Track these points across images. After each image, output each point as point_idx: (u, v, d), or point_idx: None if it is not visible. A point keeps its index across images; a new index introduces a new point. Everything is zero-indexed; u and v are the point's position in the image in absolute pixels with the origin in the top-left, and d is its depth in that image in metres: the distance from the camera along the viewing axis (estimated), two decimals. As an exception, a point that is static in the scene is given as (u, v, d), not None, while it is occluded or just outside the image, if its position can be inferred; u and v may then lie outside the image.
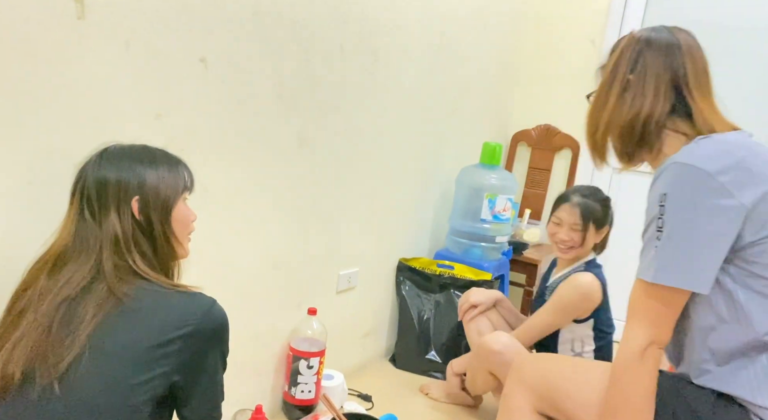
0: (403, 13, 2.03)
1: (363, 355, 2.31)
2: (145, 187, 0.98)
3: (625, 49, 1.13)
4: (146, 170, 0.99)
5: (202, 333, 0.94)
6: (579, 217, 1.79)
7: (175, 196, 1.01)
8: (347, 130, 1.93)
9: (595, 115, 1.16)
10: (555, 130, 2.94)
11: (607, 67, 1.16)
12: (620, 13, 2.79)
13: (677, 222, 0.99)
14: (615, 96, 1.12)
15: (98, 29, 1.19)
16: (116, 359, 0.89)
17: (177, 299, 0.95)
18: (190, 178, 1.06)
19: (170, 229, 1.01)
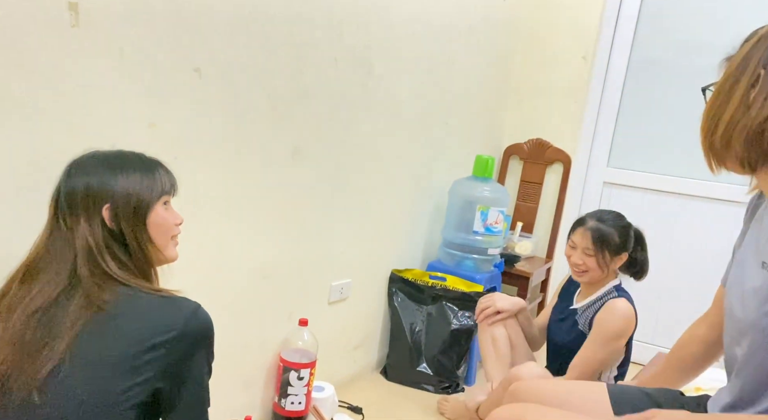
0: (397, 27, 2.06)
1: (354, 367, 2.30)
2: (115, 194, 0.96)
3: (763, 40, 0.94)
4: (117, 177, 0.97)
5: (186, 338, 0.92)
6: (591, 241, 1.75)
7: (149, 201, 0.99)
8: (340, 141, 1.94)
9: (714, 113, 0.97)
10: (547, 144, 2.97)
11: (734, 59, 0.97)
12: (611, 29, 2.83)
13: None
14: (741, 91, 0.93)
15: (92, 38, 1.20)
16: (98, 367, 0.87)
17: (159, 304, 0.94)
18: (169, 182, 1.04)
19: (145, 235, 0.99)
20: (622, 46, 2.82)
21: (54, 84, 1.16)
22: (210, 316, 0.97)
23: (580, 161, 2.93)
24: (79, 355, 0.88)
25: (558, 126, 2.96)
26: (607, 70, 2.86)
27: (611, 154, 2.89)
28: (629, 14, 2.79)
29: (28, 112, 1.13)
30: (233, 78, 1.53)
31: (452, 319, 2.30)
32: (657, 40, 2.76)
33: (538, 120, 2.99)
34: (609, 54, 2.85)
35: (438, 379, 2.31)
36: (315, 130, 1.83)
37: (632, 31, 2.80)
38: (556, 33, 2.92)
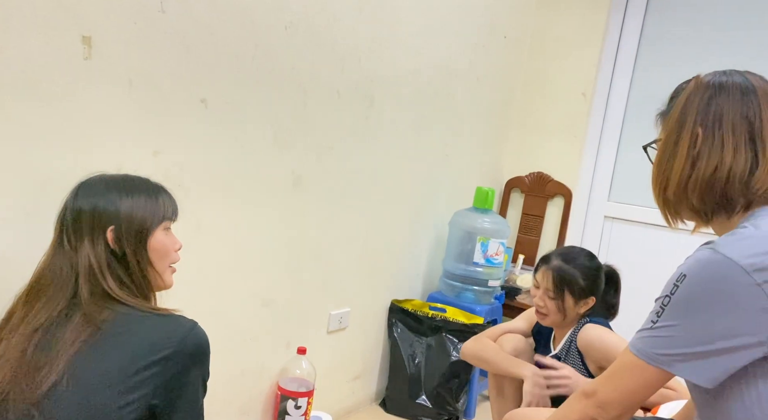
0: (398, 62, 2.12)
1: (353, 398, 2.29)
2: (119, 216, 0.98)
3: (693, 96, 0.99)
4: (121, 199, 1.00)
5: (181, 356, 0.93)
6: (551, 282, 1.62)
7: (151, 225, 1.01)
8: (341, 171, 1.98)
9: (663, 169, 1.00)
10: (548, 178, 3.00)
11: (672, 116, 1.01)
12: (611, 66, 2.89)
13: (678, 305, 0.89)
14: (685, 148, 0.97)
15: (103, 69, 1.25)
16: (94, 385, 0.89)
17: (155, 322, 0.95)
18: (171, 207, 1.06)
19: (145, 258, 1.01)
20: (621, 82, 2.88)
21: (65, 112, 1.21)
22: (206, 335, 0.99)
23: (580, 195, 2.95)
24: (77, 373, 0.89)
25: (559, 160, 3.00)
26: (607, 105, 2.91)
27: (612, 188, 2.92)
28: (628, 51, 2.86)
29: (38, 138, 1.18)
30: (238, 108, 1.58)
31: (452, 351, 2.29)
32: (656, 75, 2.82)
33: (538, 153, 3.04)
34: (608, 90, 2.91)
35: (437, 412, 2.28)
36: (316, 160, 1.87)
37: (631, 67, 2.86)
38: (556, 69, 2.99)
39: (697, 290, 0.86)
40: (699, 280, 0.86)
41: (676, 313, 0.87)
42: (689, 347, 0.86)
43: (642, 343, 0.90)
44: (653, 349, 0.88)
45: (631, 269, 2.17)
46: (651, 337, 0.89)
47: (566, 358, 1.69)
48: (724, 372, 0.86)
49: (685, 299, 0.87)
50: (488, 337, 1.81)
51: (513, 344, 1.77)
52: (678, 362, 0.87)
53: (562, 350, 1.71)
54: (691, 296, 0.87)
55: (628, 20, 2.86)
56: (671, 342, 0.87)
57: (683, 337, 0.86)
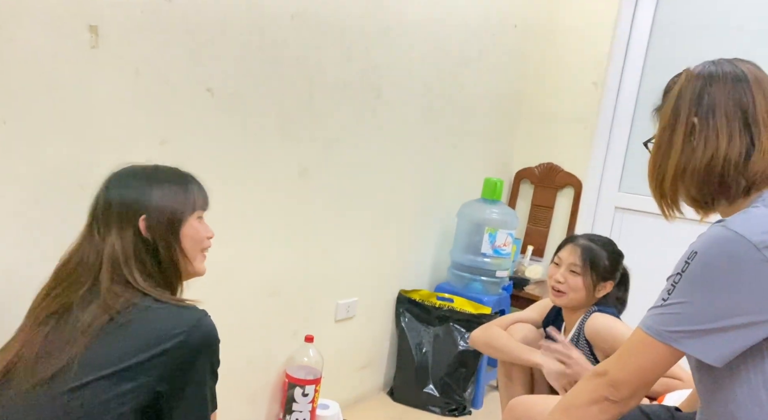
0: (406, 52, 2.11)
1: (360, 387, 2.30)
2: (151, 206, 1.00)
3: (684, 88, 1.01)
4: (152, 189, 1.02)
5: (188, 346, 0.95)
6: (579, 258, 1.64)
7: (183, 214, 1.04)
8: (348, 162, 1.99)
9: (659, 163, 1.03)
10: (558, 169, 2.98)
11: (665, 110, 1.03)
12: (622, 56, 2.86)
13: (690, 282, 0.89)
14: (680, 141, 0.99)
15: (110, 58, 1.27)
16: (101, 372, 0.91)
17: (167, 312, 0.97)
18: (201, 196, 1.09)
19: (177, 246, 1.03)
20: (632, 71, 2.85)
21: (73, 101, 1.22)
22: (214, 325, 1.00)
23: (591, 186, 2.93)
24: (86, 360, 0.91)
25: (569, 150, 2.98)
26: (618, 95, 2.88)
27: (622, 178, 2.89)
28: (639, 40, 2.83)
29: (46, 127, 1.19)
30: (244, 99, 1.59)
31: (459, 340, 2.30)
32: (668, 65, 2.77)
33: (548, 144, 3.02)
34: (620, 79, 2.87)
35: (445, 401, 2.29)
36: (323, 151, 1.88)
37: (643, 57, 2.83)
38: (567, 59, 2.96)
39: (707, 267, 0.87)
40: (710, 257, 0.87)
41: (687, 290, 0.88)
42: (698, 324, 0.87)
43: (652, 320, 0.91)
44: (663, 326, 0.89)
45: (642, 260, 2.16)
46: (661, 314, 0.90)
47: (576, 347, 1.68)
48: (733, 350, 0.86)
49: (696, 276, 0.88)
50: (498, 326, 1.81)
51: (523, 333, 1.78)
52: (686, 339, 0.87)
53: (572, 339, 1.70)
54: (702, 273, 0.87)
55: (640, 9, 2.82)
56: (681, 319, 0.88)
57: (693, 314, 0.87)
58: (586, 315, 1.68)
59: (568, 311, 1.73)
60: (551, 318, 1.83)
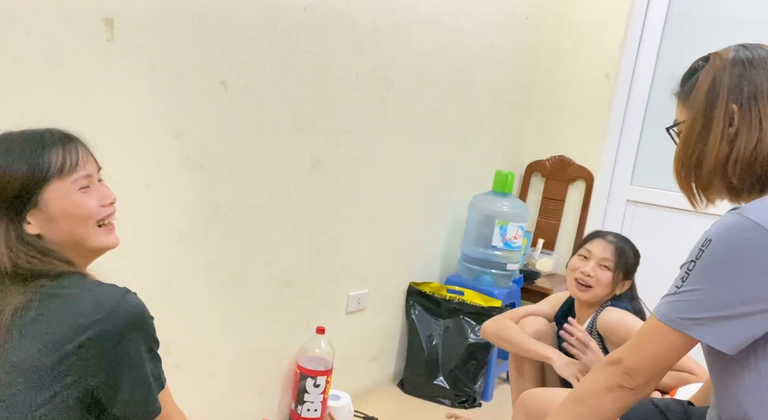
0: (417, 44, 2.11)
1: (371, 378, 2.32)
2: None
3: (720, 74, 0.97)
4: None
5: (110, 332, 0.83)
6: (612, 253, 1.65)
7: (30, 187, 0.86)
8: (360, 154, 1.99)
9: (692, 151, 0.98)
10: (569, 162, 2.97)
11: (697, 96, 0.99)
12: (635, 47, 2.83)
13: (704, 270, 0.89)
14: (719, 129, 0.95)
15: (125, 51, 1.28)
16: (17, 377, 0.82)
17: (79, 300, 0.85)
18: (62, 160, 0.88)
19: (19, 227, 0.87)
20: (645, 63, 2.82)
21: (88, 94, 1.24)
22: (138, 302, 0.88)
23: (602, 179, 2.91)
24: (3, 361, 0.83)
25: (580, 143, 2.96)
26: (631, 87, 2.86)
27: (635, 171, 2.87)
28: (653, 32, 2.80)
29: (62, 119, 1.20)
30: (257, 91, 1.59)
31: (470, 333, 2.31)
32: (681, 57, 2.74)
33: (560, 137, 3.00)
34: (632, 72, 2.85)
35: (455, 393, 2.31)
36: (335, 143, 1.88)
37: (656, 49, 2.80)
38: (579, 51, 2.94)
39: (722, 254, 0.86)
40: (724, 244, 0.86)
41: (701, 277, 0.88)
42: (712, 311, 0.86)
43: (666, 307, 0.91)
44: (676, 313, 0.89)
45: (654, 254, 2.15)
46: (674, 301, 0.90)
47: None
48: (746, 338, 0.86)
49: (710, 263, 0.87)
50: (510, 318, 1.82)
51: (535, 326, 1.78)
52: (700, 326, 0.87)
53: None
54: (716, 260, 0.87)
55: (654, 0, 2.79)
56: (694, 306, 0.88)
57: (706, 301, 0.87)
58: (599, 310, 1.68)
59: (583, 306, 1.73)
60: (563, 312, 1.83)
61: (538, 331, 1.78)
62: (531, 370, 1.79)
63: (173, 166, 1.44)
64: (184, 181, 1.47)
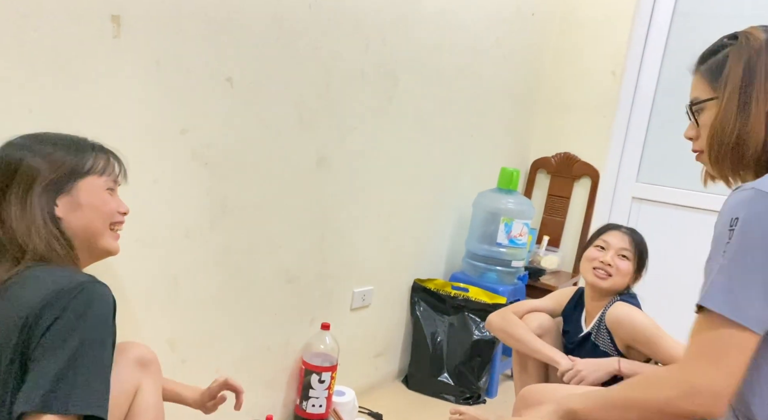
0: (423, 41, 2.11)
1: (375, 375, 2.33)
2: (28, 168, 0.92)
3: (756, 52, 0.95)
4: (32, 151, 0.94)
5: (52, 309, 0.84)
6: (630, 244, 1.68)
7: (62, 176, 0.94)
8: (365, 151, 1.99)
9: (731, 130, 0.96)
10: (575, 159, 2.97)
11: (732, 75, 0.97)
12: (642, 44, 2.82)
13: (742, 247, 0.87)
14: (763, 108, 0.94)
15: (132, 48, 1.28)
16: None
17: (39, 281, 0.88)
18: (103, 162, 0.99)
19: (48, 213, 0.92)
20: (652, 60, 2.81)
21: (95, 90, 1.24)
22: (101, 291, 0.88)
23: (608, 176, 2.91)
24: None
25: (586, 140, 2.95)
26: (637, 84, 2.85)
27: (640, 168, 2.87)
28: (659, 29, 2.79)
29: (70, 116, 1.21)
30: (263, 88, 1.60)
31: (474, 330, 2.31)
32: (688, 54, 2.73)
33: (566, 134, 2.99)
34: (639, 69, 2.84)
35: (459, 390, 2.31)
36: (340, 140, 1.88)
37: (663, 46, 2.79)
38: (586, 48, 2.93)
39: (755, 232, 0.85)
40: (756, 220, 0.85)
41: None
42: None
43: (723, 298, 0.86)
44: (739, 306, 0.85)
45: (659, 252, 2.14)
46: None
47: (597, 336, 1.70)
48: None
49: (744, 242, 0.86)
50: (514, 313, 1.82)
51: (539, 322, 1.79)
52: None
53: (594, 327, 1.72)
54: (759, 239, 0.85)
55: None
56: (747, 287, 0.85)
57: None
58: (609, 304, 1.69)
59: (592, 299, 1.75)
60: (572, 307, 1.84)
61: (542, 326, 1.78)
62: (535, 367, 1.80)
63: (179, 163, 1.44)
64: (190, 178, 1.47)
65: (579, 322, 1.79)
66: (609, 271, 1.67)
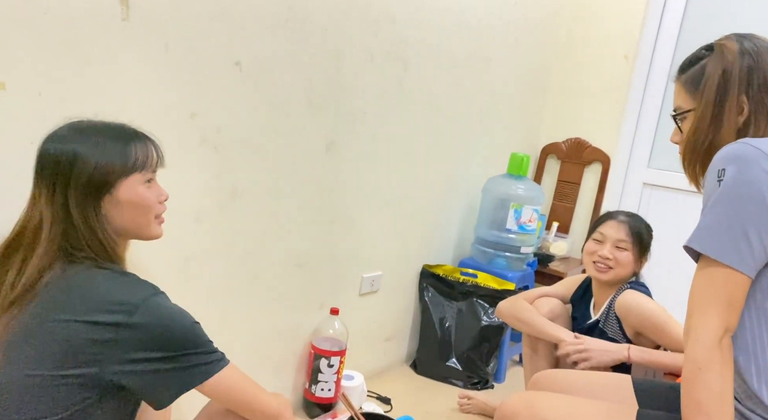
0: (434, 24, 2.08)
1: (384, 359, 2.34)
2: (74, 165, 0.90)
3: (730, 65, 1.01)
4: (78, 147, 0.91)
5: (133, 329, 0.86)
6: (626, 234, 1.67)
7: (113, 177, 0.92)
8: (375, 136, 1.98)
9: (704, 138, 1.03)
10: (585, 144, 2.94)
11: (707, 86, 1.03)
12: (655, 28, 2.77)
13: (728, 192, 0.93)
14: (732, 119, 1.00)
15: (141, 31, 1.27)
16: (26, 365, 0.87)
17: (107, 290, 0.88)
18: (144, 155, 0.96)
19: (94, 215, 0.92)
20: (666, 44, 2.77)
21: (105, 73, 1.23)
22: (161, 305, 0.90)
23: (619, 161, 2.88)
24: (10, 350, 0.88)
25: (597, 125, 2.92)
26: (650, 69, 2.81)
27: (652, 154, 2.84)
28: (673, 12, 2.74)
29: (79, 99, 1.21)
30: (272, 72, 1.58)
31: (482, 315, 2.31)
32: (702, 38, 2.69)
33: (577, 119, 2.96)
34: (652, 53, 2.79)
35: (467, 375, 2.32)
36: (350, 124, 1.87)
37: (677, 29, 2.74)
38: (598, 31, 2.88)
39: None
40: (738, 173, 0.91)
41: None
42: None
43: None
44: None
45: (670, 237, 2.13)
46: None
47: (605, 324, 1.70)
48: None
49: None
50: (525, 299, 1.83)
51: (549, 307, 1.79)
52: None
53: (602, 315, 1.72)
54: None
55: (676, -22, 2.72)
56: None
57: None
58: (618, 292, 1.68)
59: (600, 287, 1.74)
60: (579, 294, 1.83)
61: (552, 311, 1.79)
62: (545, 349, 1.81)
63: (189, 147, 1.44)
64: (199, 162, 1.47)
65: (587, 310, 1.79)
66: (608, 265, 1.67)
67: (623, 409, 1.05)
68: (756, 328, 0.94)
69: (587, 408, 1.06)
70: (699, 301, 0.94)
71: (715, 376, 0.90)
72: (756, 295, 0.94)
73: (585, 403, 1.08)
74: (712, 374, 0.90)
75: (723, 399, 0.90)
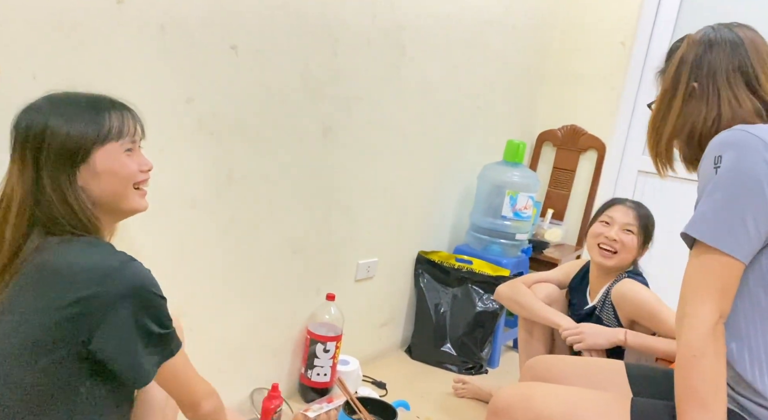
0: (431, 10, 2.06)
1: (379, 344, 2.35)
2: (45, 135, 0.88)
3: (686, 54, 1.07)
4: (52, 115, 0.89)
5: (101, 297, 0.84)
6: (634, 218, 1.68)
7: (85, 146, 0.90)
8: (371, 121, 1.97)
9: (658, 125, 1.10)
10: (581, 131, 2.94)
11: (667, 74, 1.10)
12: (653, 14, 2.76)
13: (725, 179, 0.94)
14: (679, 104, 1.06)
15: (136, 14, 1.25)
16: (26, 320, 0.86)
17: (84, 260, 0.87)
18: (119, 124, 0.93)
19: (68, 184, 0.90)
20: (663, 30, 2.76)
21: (100, 57, 1.22)
22: (139, 271, 0.88)
23: (614, 149, 2.89)
24: (11, 306, 0.88)
25: (593, 112, 2.92)
26: (647, 55, 2.80)
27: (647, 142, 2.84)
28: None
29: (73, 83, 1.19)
30: (268, 57, 1.57)
31: (477, 301, 2.33)
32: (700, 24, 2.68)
33: (573, 106, 2.96)
34: (649, 40, 2.79)
35: (462, 360, 2.34)
36: (346, 110, 1.86)
37: (674, 16, 2.73)
38: (595, 17, 2.87)
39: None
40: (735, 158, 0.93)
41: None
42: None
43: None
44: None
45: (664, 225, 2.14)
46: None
47: (602, 310, 1.72)
48: None
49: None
50: (523, 283, 1.85)
51: (546, 292, 1.82)
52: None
53: (599, 302, 1.73)
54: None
55: (675, -36, 2.71)
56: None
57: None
58: (615, 280, 1.70)
59: (599, 274, 1.75)
60: (578, 280, 1.85)
61: (550, 296, 1.82)
62: (540, 333, 1.84)
63: (185, 132, 1.43)
64: (196, 147, 1.46)
65: (585, 296, 1.80)
66: (614, 247, 1.68)
67: (617, 398, 1.06)
68: (749, 314, 0.95)
69: (582, 401, 1.07)
70: (693, 288, 0.95)
71: (709, 363, 0.91)
72: (749, 281, 0.95)
73: (579, 395, 1.09)
74: (706, 361, 0.91)
75: (717, 385, 0.91)
